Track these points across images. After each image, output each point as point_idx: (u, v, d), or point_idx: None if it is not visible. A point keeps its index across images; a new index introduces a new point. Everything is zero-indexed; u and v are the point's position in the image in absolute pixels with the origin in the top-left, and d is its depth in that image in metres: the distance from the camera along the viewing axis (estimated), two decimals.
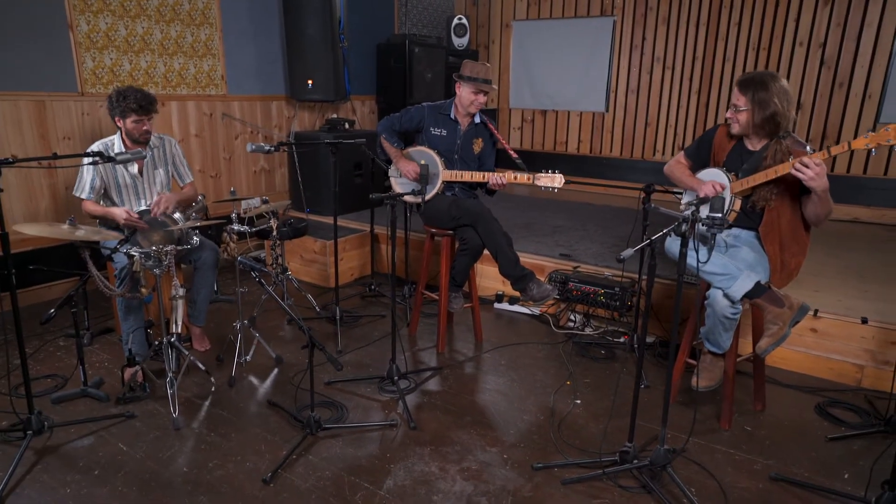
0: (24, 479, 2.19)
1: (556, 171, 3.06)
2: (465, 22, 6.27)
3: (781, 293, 2.41)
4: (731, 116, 2.51)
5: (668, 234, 2.07)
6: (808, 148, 2.39)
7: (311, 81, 4.89)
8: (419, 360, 3.26)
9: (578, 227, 4.81)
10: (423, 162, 3.20)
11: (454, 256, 3.31)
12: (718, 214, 2.37)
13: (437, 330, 3.41)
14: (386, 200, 2.65)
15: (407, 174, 3.23)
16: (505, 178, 3.09)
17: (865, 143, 2.19)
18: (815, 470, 2.32)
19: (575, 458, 2.36)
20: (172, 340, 2.68)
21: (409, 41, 5.64)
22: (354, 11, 5.48)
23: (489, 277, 4.05)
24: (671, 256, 2.52)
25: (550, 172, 3.05)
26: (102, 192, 2.99)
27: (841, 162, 5.25)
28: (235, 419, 2.61)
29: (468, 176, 3.19)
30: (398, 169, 3.29)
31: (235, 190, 3.37)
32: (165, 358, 2.62)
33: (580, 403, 2.79)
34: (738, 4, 5.49)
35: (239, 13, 4.76)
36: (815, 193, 2.28)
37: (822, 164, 2.20)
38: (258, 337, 3.14)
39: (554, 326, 3.67)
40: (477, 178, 3.19)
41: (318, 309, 3.82)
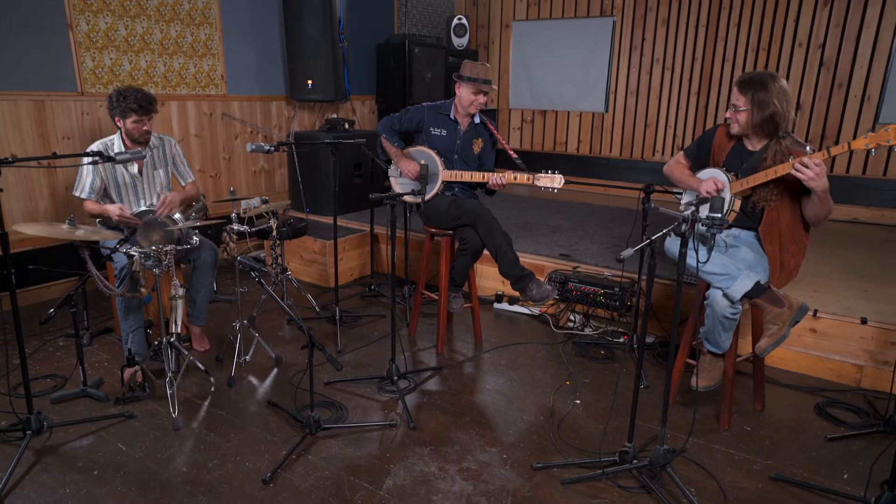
0: (23, 478, 2.19)
1: (555, 171, 3.06)
2: (464, 22, 6.27)
3: (781, 293, 2.42)
4: (730, 116, 2.51)
5: (667, 234, 2.07)
6: (807, 148, 2.39)
7: (310, 81, 4.89)
8: (419, 360, 3.26)
9: (578, 227, 4.81)
10: (422, 162, 3.21)
11: (454, 256, 3.31)
12: (718, 214, 2.38)
13: (436, 330, 3.41)
14: (386, 200, 2.65)
15: (407, 173, 3.23)
16: (505, 178, 3.10)
17: (865, 143, 2.20)
18: (814, 470, 2.32)
19: (574, 458, 2.36)
20: (172, 340, 2.68)
21: (408, 41, 5.64)
22: (354, 11, 5.49)
23: (489, 277, 4.05)
24: (671, 256, 2.52)
25: (550, 173, 3.05)
26: (103, 191, 2.99)
27: (840, 162, 5.26)
28: (235, 419, 2.61)
29: (468, 176, 3.20)
30: (398, 168, 3.29)
31: (235, 190, 3.37)
32: (165, 358, 2.62)
33: (580, 403, 2.79)
34: (737, 5, 5.49)
35: (239, 13, 4.76)
36: (815, 194, 2.28)
37: (821, 164, 2.20)
38: (258, 337, 3.14)
39: (553, 326, 3.67)
40: (477, 178, 3.19)
41: (317, 309, 3.82)
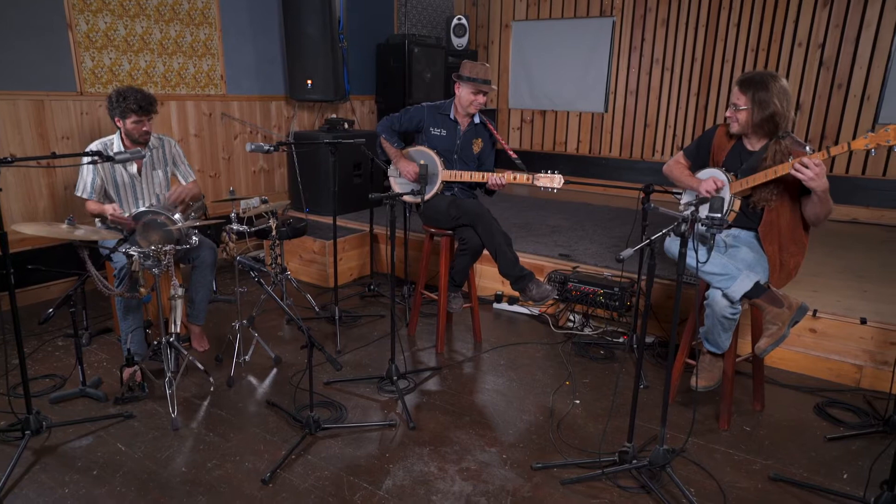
0: (22, 479, 2.19)
1: (555, 171, 3.06)
2: (464, 22, 6.27)
3: (780, 293, 2.42)
4: (730, 115, 2.51)
5: (667, 234, 2.07)
6: (807, 148, 2.39)
7: (310, 81, 4.88)
8: (418, 360, 3.26)
9: (577, 227, 4.81)
10: (422, 162, 3.20)
11: (453, 256, 3.31)
12: (718, 214, 2.38)
13: (436, 330, 3.40)
14: (385, 200, 2.65)
15: (406, 175, 3.22)
16: (504, 178, 3.10)
17: (865, 143, 2.20)
18: (814, 470, 2.32)
19: (574, 458, 2.36)
20: (171, 340, 2.68)
21: (408, 41, 5.64)
22: (354, 11, 5.49)
23: (488, 277, 4.05)
24: (670, 256, 2.52)
25: (549, 173, 3.05)
26: (103, 191, 2.99)
27: (840, 162, 5.26)
28: (234, 419, 2.61)
29: (467, 176, 3.19)
30: (398, 169, 3.29)
31: (234, 190, 3.36)
32: (164, 358, 2.62)
33: (579, 403, 2.79)
34: (737, 5, 5.50)
35: (238, 13, 4.76)
36: (814, 194, 2.28)
37: (821, 164, 2.20)
38: (257, 337, 3.14)
39: (553, 326, 3.66)
40: (476, 178, 3.19)
41: (317, 309, 3.81)
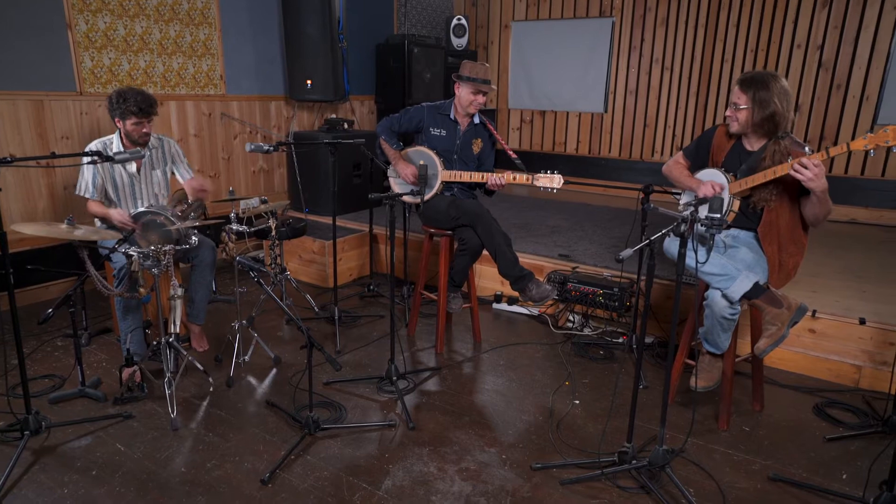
0: (21, 479, 2.19)
1: (554, 171, 3.06)
2: (464, 22, 6.27)
3: (780, 294, 2.42)
4: (730, 115, 2.51)
5: (666, 234, 2.07)
6: (806, 149, 2.39)
7: (310, 81, 4.88)
8: (418, 360, 3.26)
9: (577, 227, 4.81)
10: (421, 162, 3.21)
11: (453, 257, 3.31)
12: (717, 215, 2.38)
13: (435, 330, 3.40)
14: (385, 200, 2.65)
15: (405, 177, 3.22)
16: (503, 178, 3.10)
17: (864, 144, 2.20)
18: (813, 470, 2.32)
19: (573, 458, 2.36)
20: (171, 340, 2.68)
21: (408, 41, 5.64)
22: (353, 11, 5.49)
23: (488, 278, 4.05)
24: (670, 257, 2.52)
25: (549, 173, 3.05)
26: (104, 190, 2.99)
27: (839, 163, 5.26)
28: (233, 419, 2.61)
29: (467, 176, 3.19)
30: (396, 171, 3.29)
31: (234, 190, 3.36)
32: (164, 358, 2.62)
33: (579, 404, 2.79)
34: (736, 6, 5.50)
35: (238, 13, 4.76)
36: (814, 194, 2.28)
37: (820, 164, 2.20)
38: (256, 337, 3.14)
39: (553, 327, 3.67)
40: (476, 178, 3.19)
41: (316, 309, 3.81)
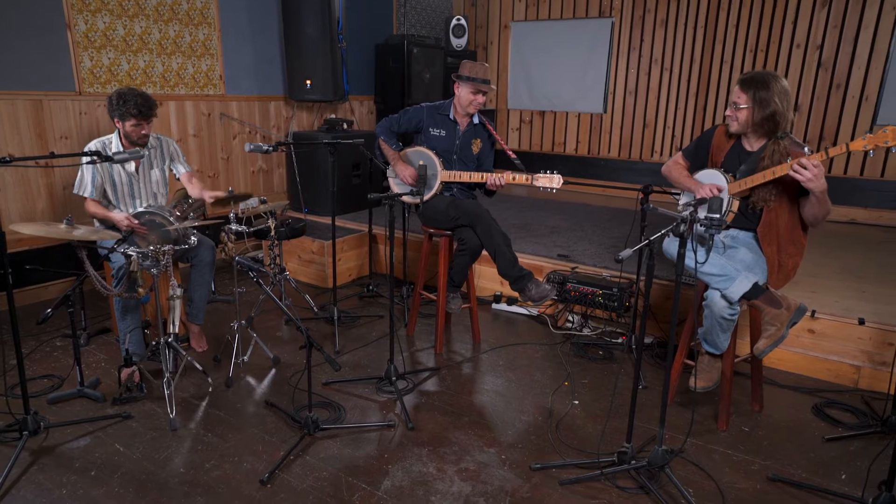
0: (19, 479, 2.18)
1: (554, 171, 3.06)
2: (463, 23, 6.28)
3: (779, 294, 2.42)
4: (730, 114, 2.51)
5: (666, 234, 2.07)
6: (805, 149, 2.39)
7: (309, 82, 4.88)
8: (417, 360, 3.25)
9: (576, 227, 4.82)
10: (420, 162, 3.20)
11: (452, 257, 3.31)
12: (716, 215, 2.38)
13: (435, 330, 3.40)
14: (384, 201, 2.65)
15: (404, 179, 3.22)
16: (503, 178, 3.09)
17: (863, 144, 2.20)
18: (812, 470, 2.32)
19: (573, 458, 2.36)
20: (170, 340, 2.68)
21: (407, 42, 5.64)
22: (353, 11, 5.49)
23: (487, 278, 4.05)
24: (669, 257, 2.52)
25: (549, 173, 3.05)
26: (102, 190, 2.98)
27: (838, 163, 5.27)
28: (233, 420, 2.61)
29: (466, 176, 3.19)
30: (396, 172, 3.29)
31: (233, 190, 3.35)
32: (163, 358, 2.61)
33: (578, 404, 2.79)
34: (735, 7, 5.50)
35: (237, 13, 4.75)
36: (813, 195, 2.28)
37: (820, 165, 2.20)
38: (256, 337, 3.13)
39: (552, 327, 3.66)
40: (475, 178, 3.19)
41: (315, 309, 3.81)
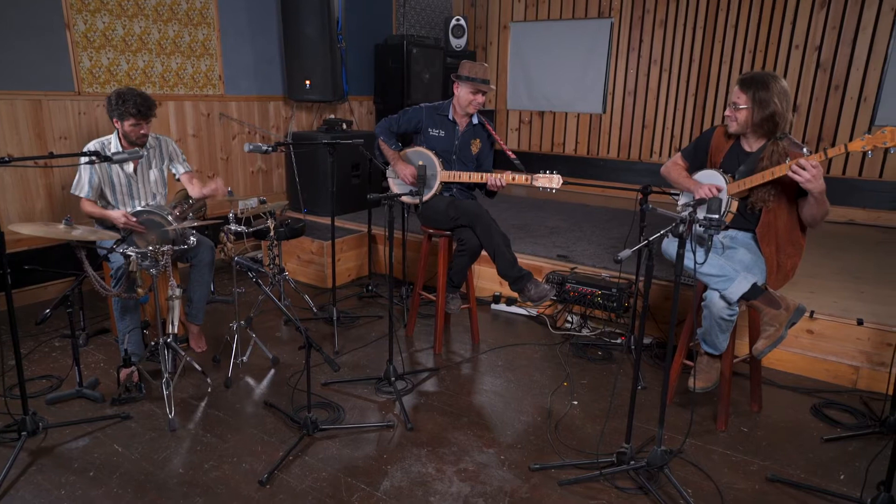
0: (18, 480, 2.18)
1: (553, 171, 3.06)
2: (463, 23, 6.28)
3: (778, 295, 2.42)
4: (729, 115, 2.51)
5: (665, 235, 2.07)
6: (804, 150, 2.39)
7: (308, 82, 4.88)
8: (416, 361, 3.25)
9: (576, 228, 4.82)
10: (420, 163, 3.21)
11: (452, 257, 3.31)
12: (715, 216, 2.38)
13: (434, 331, 3.40)
14: (383, 201, 2.65)
15: (404, 178, 3.22)
16: (503, 179, 3.09)
17: (862, 145, 2.20)
18: (811, 471, 2.32)
19: (572, 459, 2.36)
20: (169, 341, 2.67)
21: (406, 42, 5.64)
22: (352, 12, 5.49)
23: (487, 278, 4.05)
24: (668, 258, 2.52)
25: (548, 173, 3.05)
26: (100, 190, 2.98)
27: (837, 164, 5.27)
28: (232, 420, 2.60)
29: (466, 177, 3.19)
30: (395, 172, 3.29)
31: (233, 190, 3.36)
32: (162, 359, 2.61)
33: (577, 404, 2.79)
34: (734, 7, 5.51)
35: (237, 13, 4.75)
36: (811, 195, 2.28)
37: (818, 165, 2.21)
38: (255, 338, 3.13)
39: (551, 328, 3.67)
40: (475, 178, 3.19)
41: (315, 310, 3.81)
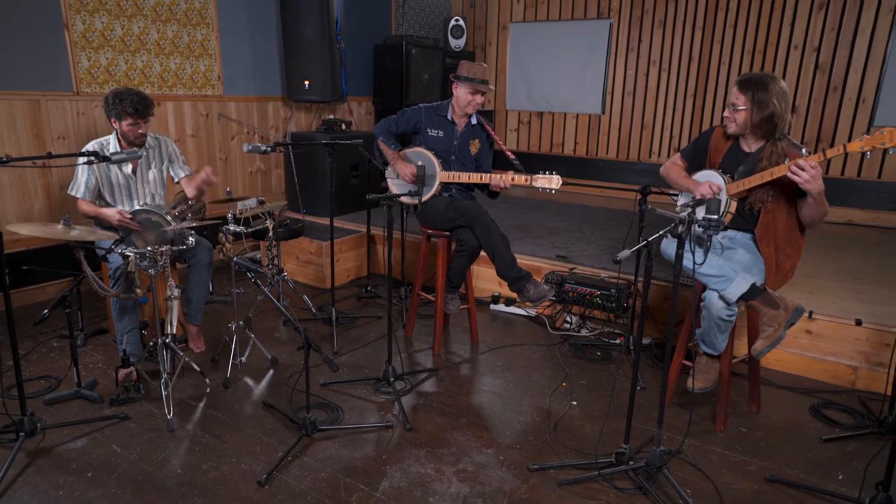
0: (15, 481, 2.18)
1: (553, 172, 3.05)
2: (462, 23, 6.28)
3: (777, 295, 2.42)
4: (728, 116, 2.51)
5: (664, 235, 2.07)
6: (803, 150, 2.40)
7: (307, 82, 4.88)
8: (415, 361, 3.25)
9: (574, 228, 4.82)
10: (419, 163, 3.20)
11: (451, 258, 3.31)
12: (714, 216, 2.38)
13: (433, 331, 3.40)
14: (382, 201, 2.65)
15: (404, 177, 3.22)
16: (507, 180, 3.06)
17: (861, 145, 2.21)
18: (809, 471, 2.32)
19: (571, 459, 2.36)
20: (167, 341, 2.67)
21: (406, 42, 5.64)
22: (352, 12, 5.49)
23: (485, 279, 4.05)
24: (667, 258, 2.53)
25: (548, 174, 3.05)
26: (97, 191, 2.98)
27: (835, 165, 5.28)
28: (230, 421, 2.60)
29: (465, 177, 3.19)
30: (395, 171, 3.29)
31: (231, 191, 3.35)
32: (160, 359, 2.61)
33: (576, 405, 2.79)
34: (733, 8, 5.52)
35: (236, 13, 4.75)
36: (810, 196, 2.29)
37: (817, 166, 2.21)
38: (254, 338, 3.13)
39: (550, 328, 3.67)
40: (474, 179, 3.19)
41: (314, 310, 3.81)
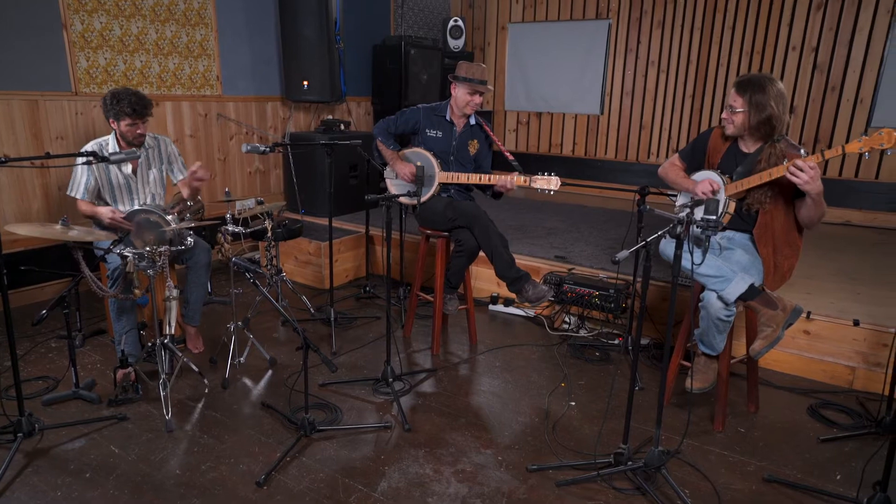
0: (13, 482, 2.17)
1: (551, 173, 3.05)
2: (460, 24, 6.28)
3: (775, 295, 2.43)
4: (726, 117, 2.52)
5: (662, 236, 2.07)
6: (802, 151, 2.40)
7: (306, 82, 4.88)
8: (414, 361, 3.25)
9: (573, 229, 4.82)
10: (418, 163, 3.21)
11: (449, 258, 3.31)
12: (713, 217, 2.39)
13: (431, 332, 3.40)
14: (381, 202, 2.65)
15: (403, 176, 3.22)
16: (512, 181, 3.03)
17: (859, 146, 2.21)
18: (807, 471, 2.33)
19: (569, 459, 2.36)
20: (166, 342, 2.67)
21: (404, 43, 5.65)
22: (350, 12, 5.49)
23: (484, 279, 4.05)
24: (665, 259, 2.53)
25: (546, 175, 3.05)
26: (97, 192, 2.98)
27: (833, 165, 5.29)
28: (229, 421, 2.60)
29: (464, 178, 3.19)
30: (394, 171, 3.29)
31: (230, 191, 3.35)
32: (158, 359, 2.61)
33: (575, 405, 2.79)
34: (731, 9, 5.52)
35: (234, 13, 4.75)
36: (808, 197, 2.29)
37: (816, 167, 2.21)
38: (252, 339, 3.13)
39: (549, 328, 3.67)
40: (473, 179, 3.19)
41: (312, 311, 3.80)
